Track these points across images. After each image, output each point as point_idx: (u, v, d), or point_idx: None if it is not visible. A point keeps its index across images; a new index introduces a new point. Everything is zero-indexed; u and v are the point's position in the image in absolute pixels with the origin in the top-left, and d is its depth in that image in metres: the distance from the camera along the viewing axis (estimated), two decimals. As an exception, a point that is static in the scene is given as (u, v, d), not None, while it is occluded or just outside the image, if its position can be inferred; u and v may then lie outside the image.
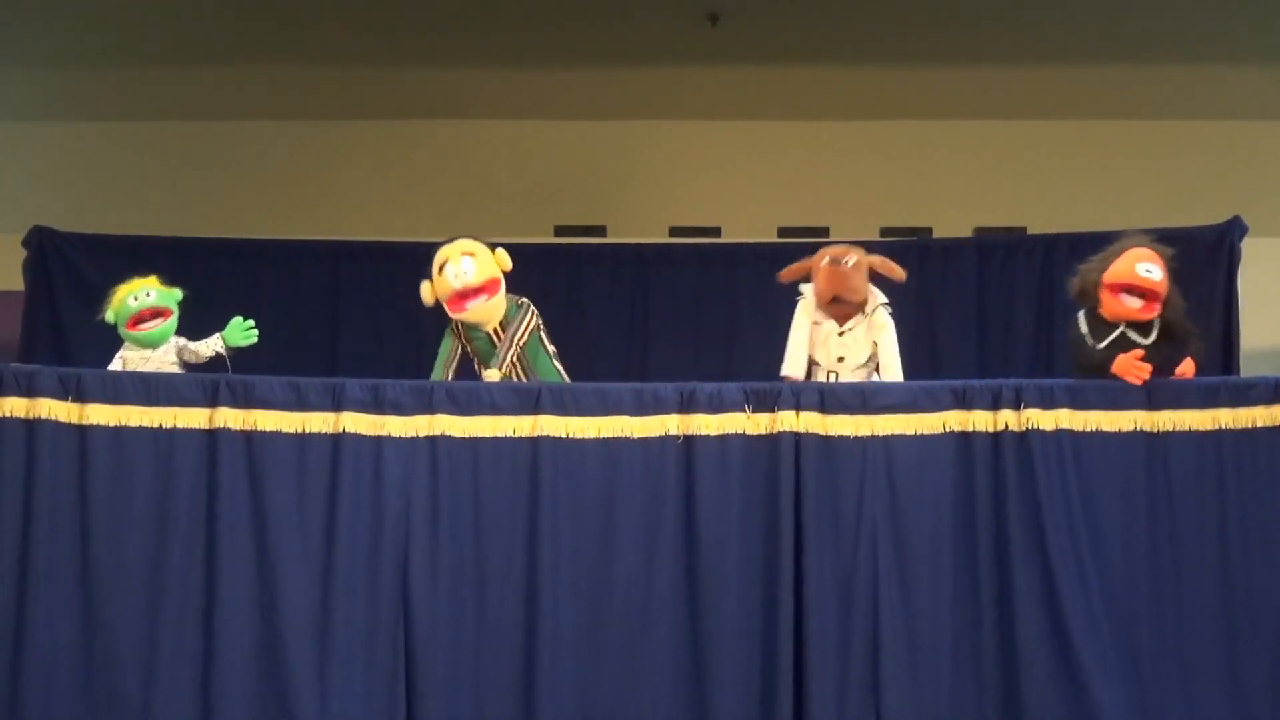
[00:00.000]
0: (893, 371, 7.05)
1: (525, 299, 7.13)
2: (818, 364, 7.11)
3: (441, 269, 6.96)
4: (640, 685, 6.49)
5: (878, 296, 7.13)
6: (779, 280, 7.25)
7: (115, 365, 6.96)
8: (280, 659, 6.42)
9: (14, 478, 6.46)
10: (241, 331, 6.95)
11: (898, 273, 7.17)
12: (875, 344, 7.09)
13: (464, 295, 6.94)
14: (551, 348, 7.20)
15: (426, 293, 7.03)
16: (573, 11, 10.12)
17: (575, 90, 10.77)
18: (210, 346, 6.96)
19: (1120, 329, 6.80)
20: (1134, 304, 6.78)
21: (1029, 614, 6.49)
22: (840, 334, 7.07)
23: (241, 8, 10.08)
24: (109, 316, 6.99)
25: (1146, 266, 6.78)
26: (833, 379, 7.03)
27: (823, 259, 7.10)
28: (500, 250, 7.04)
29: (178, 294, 7.02)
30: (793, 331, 7.15)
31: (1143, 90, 10.69)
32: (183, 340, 7.00)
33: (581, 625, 6.51)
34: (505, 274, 7.04)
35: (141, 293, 6.93)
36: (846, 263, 7.04)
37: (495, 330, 7.03)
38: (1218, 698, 6.51)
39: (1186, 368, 6.78)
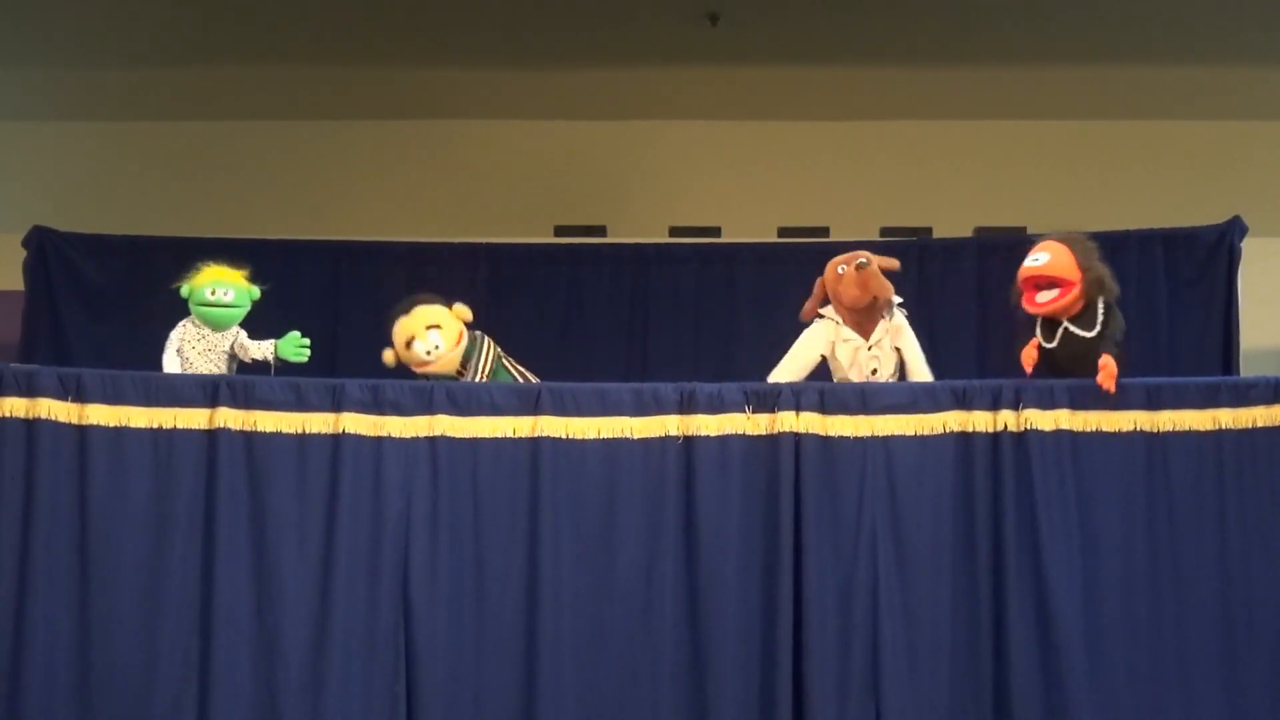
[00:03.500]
0: (920, 372, 6.99)
1: (479, 332, 7.06)
2: (849, 381, 6.96)
3: (409, 344, 6.92)
4: (640, 685, 6.50)
5: (891, 300, 7.04)
6: (801, 320, 7.15)
7: (175, 334, 6.92)
8: (280, 659, 6.43)
9: (14, 478, 6.47)
10: (295, 347, 6.94)
11: (893, 262, 7.10)
12: (898, 349, 7.03)
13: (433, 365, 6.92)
14: (516, 370, 7.11)
15: (389, 359, 6.97)
16: (572, 11, 10.12)
17: (575, 90, 10.77)
18: (262, 350, 6.94)
19: (1063, 325, 6.77)
20: (1040, 298, 6.71)
21: (1027, 614, 6.50)
22: (869, 348, 7.00)
23: (241, 8, 10.07)
24: (183, 290, 6.93)
25: (1034, 256, 6.74)
26: None
27: (837, 268, 7.01)
28: (458, 305, 6.98)
29: (256, 292, 7.00)
30: (799, 345, 7.03)
31: (1143, 90, 10.69)
32: (243, 333, 6.98)
33: (581, 625, 6.52)
34: (467, 322, 6.99)
35: (222, 290, 6.89)
36: (867, 264, 6.95)
37: (458, 372, 7.01)
38: (1216, 698, 6.52)
39: (1106, 366, 6.58)
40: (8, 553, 6.41)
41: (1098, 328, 6.72)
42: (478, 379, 6.95)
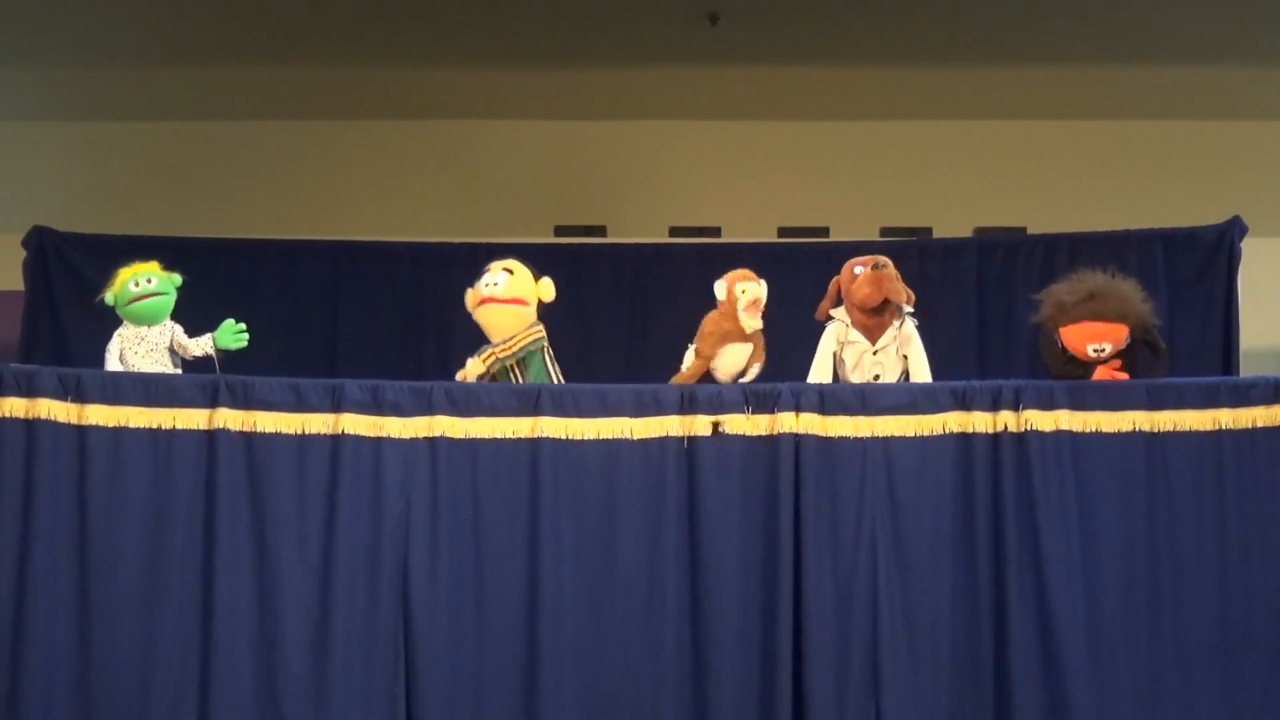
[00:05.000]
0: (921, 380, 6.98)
1: (540, 323, 7.05)
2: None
3: (481, 276, 7.00)
4: (640, 685, 6.50)
5: (903, 307, 7.06)
6: (816, 319, 7.18)
7: (113, 343, 6.91)
8: (279, 660, 6.43)
9: (13, 478, 6.47)
10: (232, 334, 6.93)
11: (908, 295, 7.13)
12: (905, 357, 7.02)
13: (485, 304, 6.93)
14: (554, 369, 7.07)
15: (470, 299, 7.02)
16: (572, 12, 10.11)
17: (575, 90, 10.76)
18: (200, 346, 6.93)
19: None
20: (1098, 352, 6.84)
21: (1027, 615, 6.50)
22: (874, 352, 6.99)
23: (241, 8, 10.07)
24: (108, 298, 6.95)
25: (1097, 348, 6.80)
26: None
27: (854, 269, 7.02)
28: (545, 280, 7.01)
29: (177, 279, 6.99)
30: (819, 355, 7.04)
31: (1143, 90, 10.69)
32: (178, 328, 6.96)
33: (582, 626, 6.52)
34: (541, 302, 6.99)
35: (143, 278, 6.90)
36: (885, 266, 6.98)
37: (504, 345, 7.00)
38: (1216, 698, 6.52)
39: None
40: (7, 553, 6.40)
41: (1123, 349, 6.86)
42: (506, 344, 6.90)
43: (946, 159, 10.88)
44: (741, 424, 6.63)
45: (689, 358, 7.01)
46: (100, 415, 6.53)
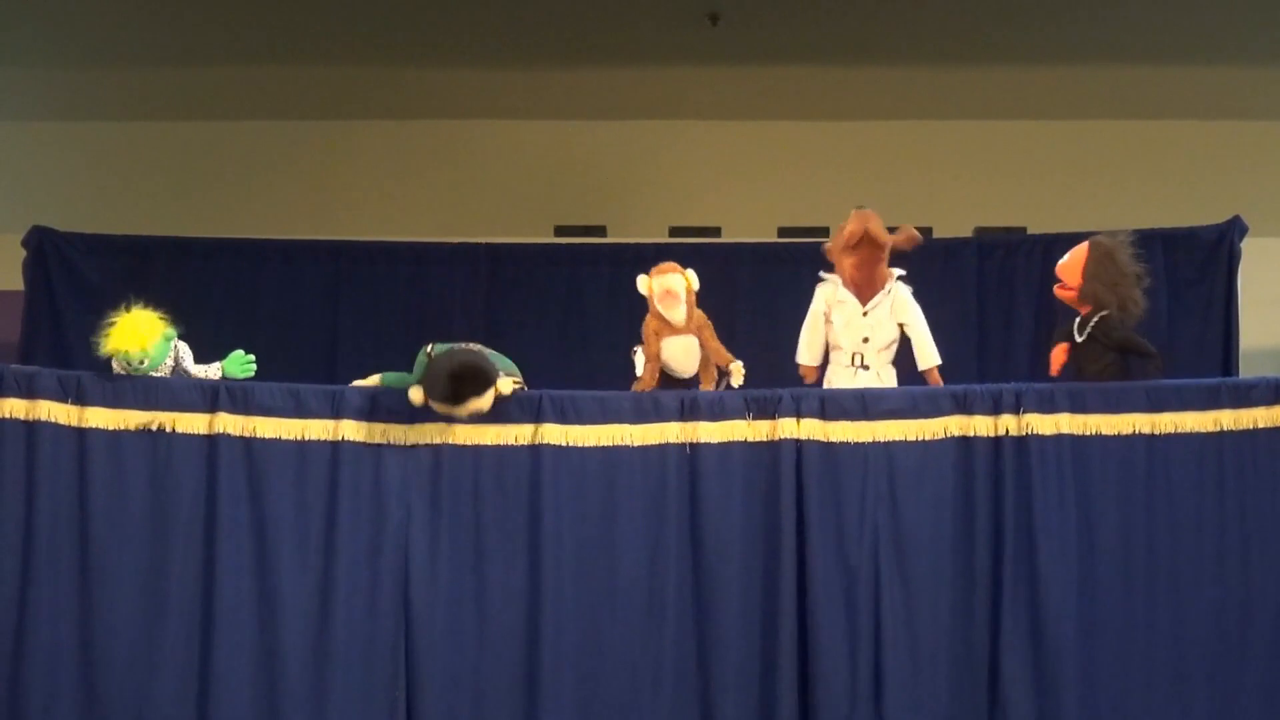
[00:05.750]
0: (926, 347, 7.01)
1: None
2: (839, 348, 7.00)
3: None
4: (642, 692, 6.49)
5: (894, 271, 7.06)
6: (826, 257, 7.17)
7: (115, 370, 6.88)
8: (279, 664, 6.42)
9: (14, 479, 6.46)
10: (240, 365, 6.86)
11: (914, 235, 7.14)
12: (901, 325, 7.02)
13: None
14: None
15: (417, 396, 6.63)
16: (573, 12, 10.12)
17: (575, 90, 10.77)
18: (209, 375, 6.86)
19: (1081, 322, 6.91)
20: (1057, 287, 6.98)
21: (1027, 617, 6.51)
22: (864, 314, 7.00)
23: (241, 8, 10.07)
24: (104, 350, 6.61)
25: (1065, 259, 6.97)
26: (858, 360, 6.98)
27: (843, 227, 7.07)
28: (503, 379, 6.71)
29: (172, 333, 6.67)
30: (807, 319, 7.08)
31: (1143, 90, 10.70)
32: (185, 349, 6.78)
33: (583, 631, 6.51)
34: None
35: (136, 360, 6.55)
36: (869, 209, 7.03)
37: None
38: (1213, 701, 6.52)
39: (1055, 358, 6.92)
40: (8, 555, 6.40)
41: (1084, 335, 6.82)
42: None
43: (946, 159, 10.89)
44: (743, 430, 6.62)
45: (639, 363, 6.96)
46: (100, 418, 6.52)
